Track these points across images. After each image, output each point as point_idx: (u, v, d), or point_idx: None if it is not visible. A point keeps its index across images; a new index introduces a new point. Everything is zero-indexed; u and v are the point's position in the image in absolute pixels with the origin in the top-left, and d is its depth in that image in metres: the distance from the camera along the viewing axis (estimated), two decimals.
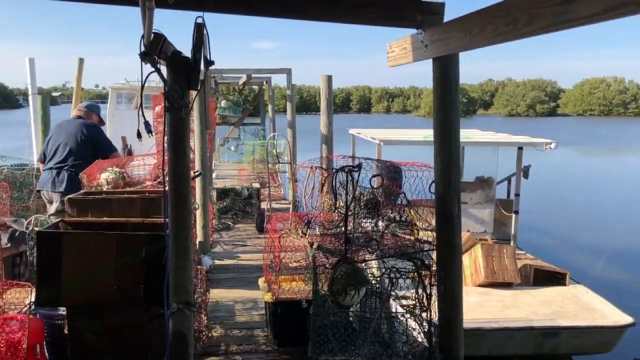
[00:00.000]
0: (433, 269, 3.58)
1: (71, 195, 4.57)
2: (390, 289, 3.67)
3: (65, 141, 5.96)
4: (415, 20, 3.28)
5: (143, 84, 2.69)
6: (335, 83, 8.93)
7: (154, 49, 2.61)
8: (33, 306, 3.72)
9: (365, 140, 9.03)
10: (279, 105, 26.58)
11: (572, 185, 22.26)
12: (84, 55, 32.74)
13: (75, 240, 3.50)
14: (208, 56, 2.86)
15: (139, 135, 3.02)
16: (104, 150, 6.08)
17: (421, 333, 3.68)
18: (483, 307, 6.05)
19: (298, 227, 4.54)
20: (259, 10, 3.25)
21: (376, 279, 3.82)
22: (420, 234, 3.86)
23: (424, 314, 3.64)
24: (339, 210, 3.77)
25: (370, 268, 4.08)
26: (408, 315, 3.81)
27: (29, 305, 3.76)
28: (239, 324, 5.28)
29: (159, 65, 2.76)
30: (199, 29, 2.74)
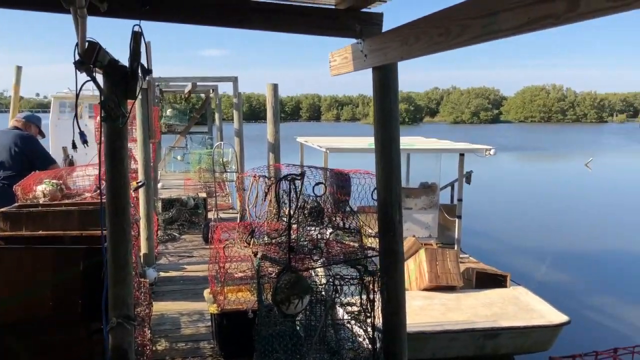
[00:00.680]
0: (377, 275, 3.63)
1: (3, 209, 4.38)
2: (334, 296, 3.69)
3: None
4: (355, 30, 3.34)
5: (78, 93, 2.62)
6: (284, 91, 9.04)
7: (89, 57, 2.55)
8: None
9: (313, 148, 9.08)
10: (227, 113, 26.33)
11: (513, 190, 23.08)
12: (23, 63, 31.56)
13: (8, 256, 3.35)
14: (146, 65, 2.81)
15: (74, 145, 2.93)
16: (40, 162, 5.84)
17: (366, 339, 3.72)
18: (427, 311, 6.17)
19: (243, 237, 4.50)
20: (198, 18, 3.22)
21: (321, 286, 3.83)
22: (366, 240, 3.90)
23: (368, 320, 3.69)
24: (283, 218, 3.76)
25: (318, 276, 4.10)
26: (353, 321, 3.84)
27: None
28: (185, 336, 5.18)
29: (94, 74, 2.70)
30: (135, 37, 2.69)
